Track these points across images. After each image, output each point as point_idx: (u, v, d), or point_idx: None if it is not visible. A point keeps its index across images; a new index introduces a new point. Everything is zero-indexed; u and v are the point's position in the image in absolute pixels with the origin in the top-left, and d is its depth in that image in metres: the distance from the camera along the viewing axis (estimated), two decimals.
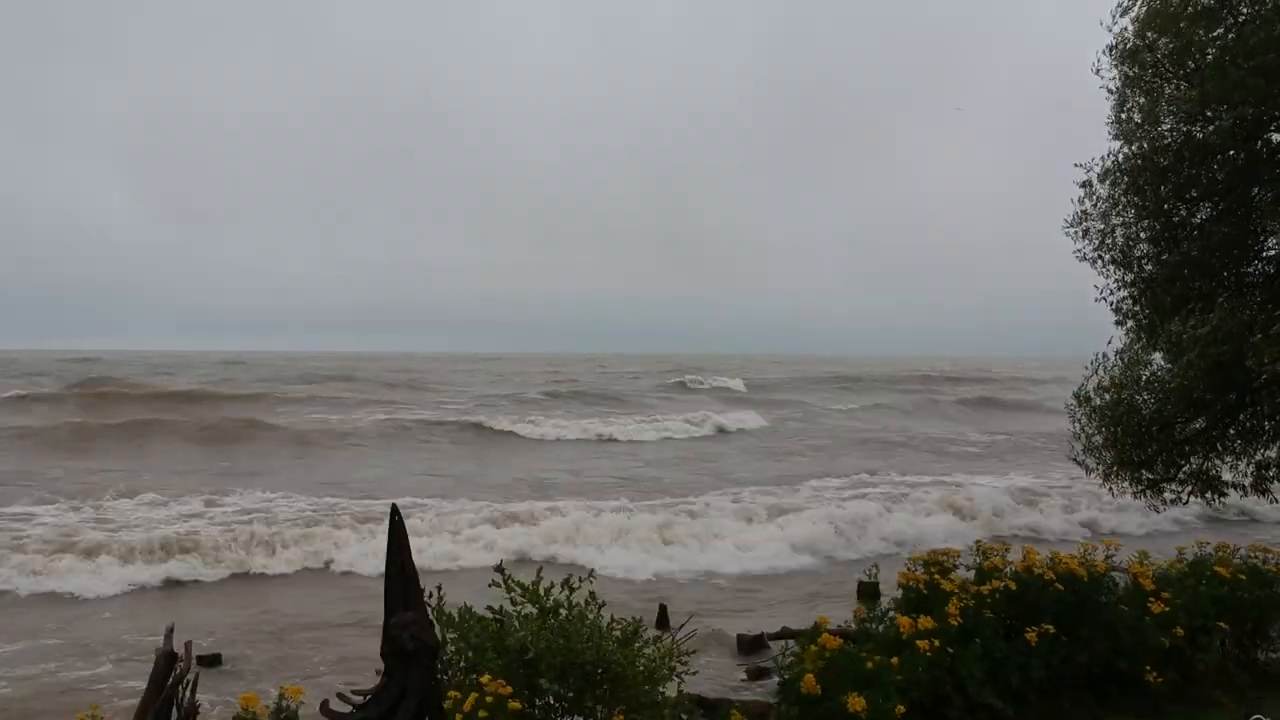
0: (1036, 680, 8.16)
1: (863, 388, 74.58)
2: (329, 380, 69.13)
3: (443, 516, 20.45)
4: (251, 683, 11.82)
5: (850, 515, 20.87)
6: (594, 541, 18.68)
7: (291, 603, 15.48)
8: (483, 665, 7.25)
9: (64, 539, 18.06)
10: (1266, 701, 8.91)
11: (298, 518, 20.56)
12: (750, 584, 16.80)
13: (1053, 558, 8.72)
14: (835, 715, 7.28)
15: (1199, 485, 16.69)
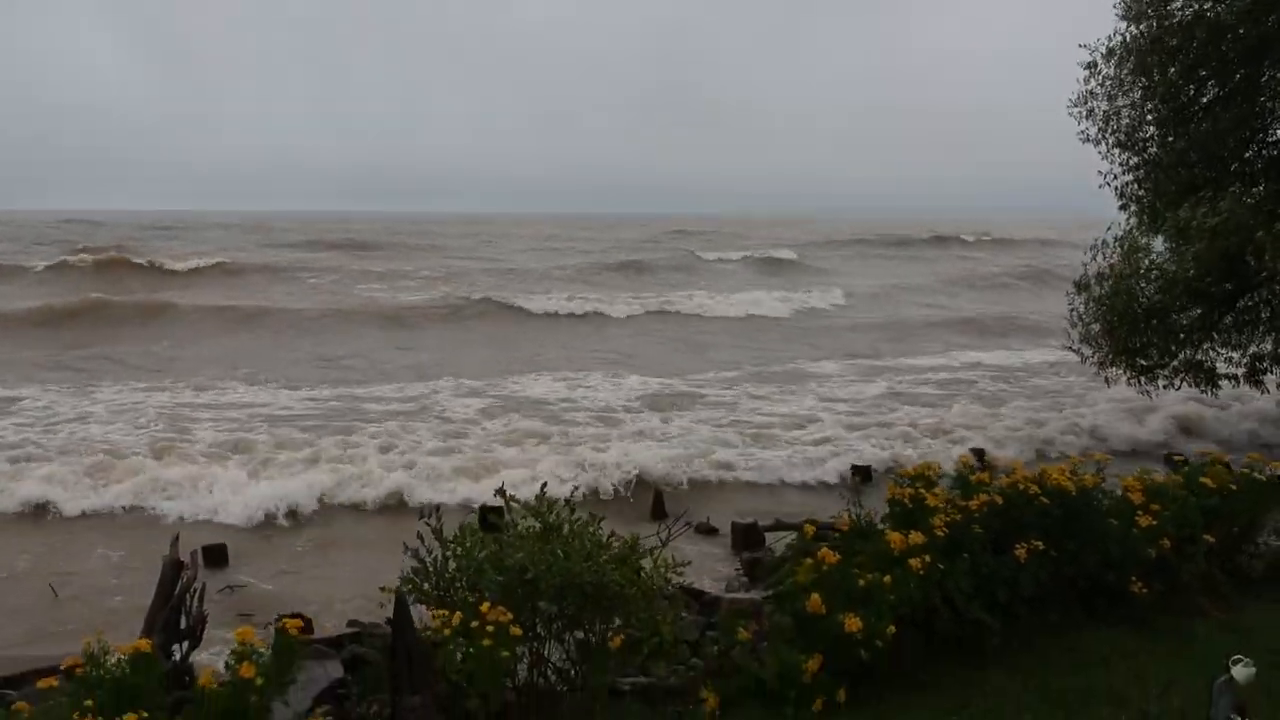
0: (1025, 594, 8.34)
1: (906, 256, 73.79)
2: (361, 249, 68.10)
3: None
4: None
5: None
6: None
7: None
8: (482, 584, 7.40)
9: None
10: (1248, 609, 9.15)
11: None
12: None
13: (1041, 473, 8.82)
14: (830, 632, 7.47)
15: (1192, 373, 16.84)
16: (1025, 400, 22.59)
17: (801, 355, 30.88)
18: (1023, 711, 7.29)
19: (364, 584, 12.33)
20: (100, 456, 16.40)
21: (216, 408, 21.21)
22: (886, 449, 17.73)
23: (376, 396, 22.76)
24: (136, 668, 6.08)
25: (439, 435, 18.47)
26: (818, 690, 7.33)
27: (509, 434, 18.63)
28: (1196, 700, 7.37)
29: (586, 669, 7.73)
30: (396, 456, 16.92)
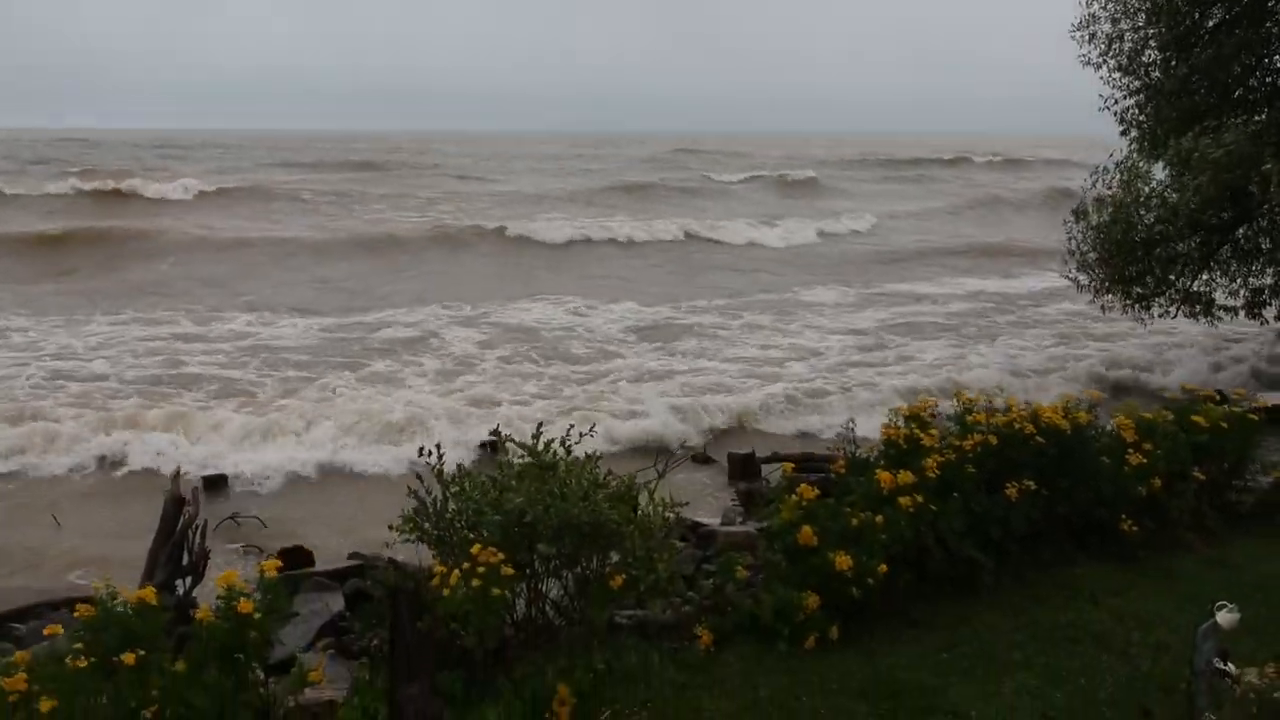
0: (1017, 532, 8.45)
1: (926, 177, 72.51)
2: (363, 170, 66.94)
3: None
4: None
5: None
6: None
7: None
8: (481, 525, 7.50)
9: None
10: (1235, 545, 9.27)
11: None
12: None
13: (1034, 411, 8.87)
14: (821, 570, 7.60)
15: (1189, 303, 16.85)
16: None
17: (847, 280, 30.34)
18: (1012, 649, 7.44)
19: (365, 515, 12.49)
20: (98, 413, 16.06)
21: (212, 339, 21.20)
22: (930, 377, 17.60)
23: (385, 322, 22.71)
24: (140, 616, 6.17)
25: (442, 372, 18.38)
26: (811, 627, 7.47)
27: (510, 368, 18.60)
28: (1181, 637, 7.53)
29: (584, 603, 7.87)
30: (405, 392, 16.92)
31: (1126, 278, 16.82)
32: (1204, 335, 19.91)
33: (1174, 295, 16.95)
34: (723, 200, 55.09)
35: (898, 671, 7.17)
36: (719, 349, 20.53)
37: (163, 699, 5.89)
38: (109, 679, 5.89)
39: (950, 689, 6.94)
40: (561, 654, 7.47)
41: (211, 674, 6.14)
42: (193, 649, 6.23)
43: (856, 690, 6.95)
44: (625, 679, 7.19)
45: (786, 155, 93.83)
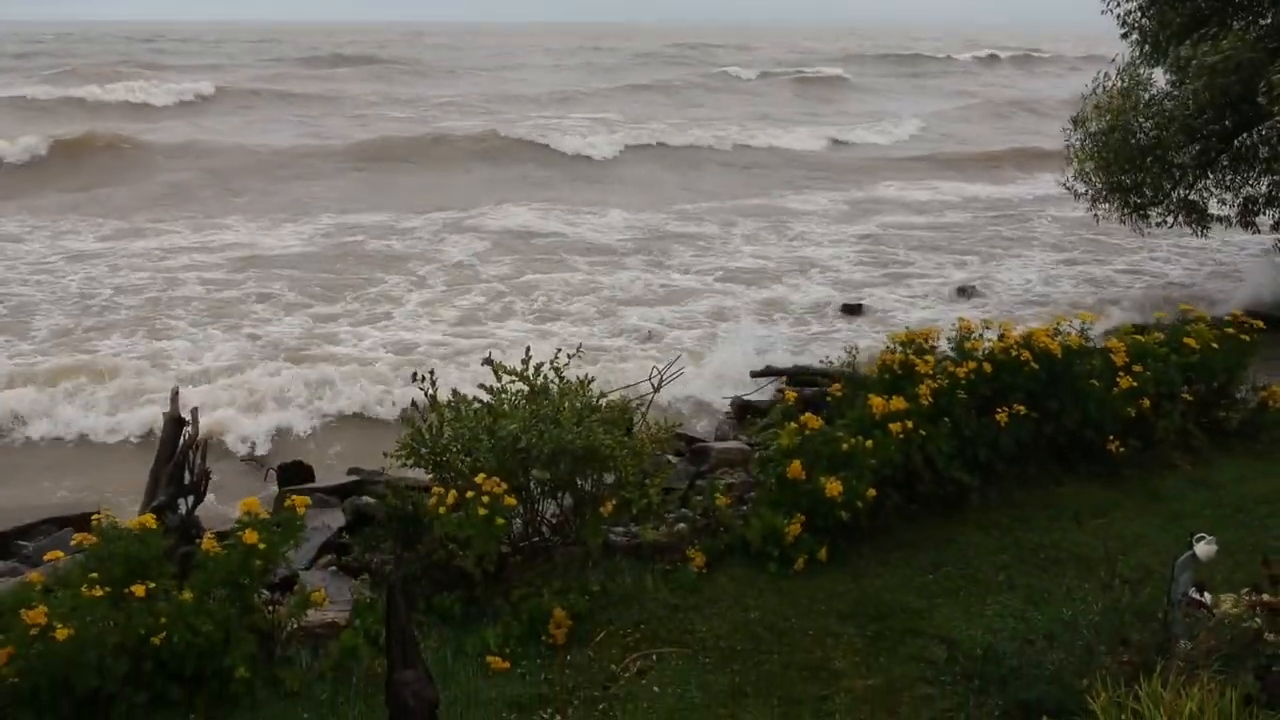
0: (1005, 453, 8.59)
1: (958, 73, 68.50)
2: (363, 64, 64.56)
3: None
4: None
5: None
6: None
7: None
8: (477, 451, 7.62)
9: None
10: (1219, 464, 9.42)
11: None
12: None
13: (1028, 335, 8.94)
14: (812, 495, 7.74)
15: (1185, 212, 16.80)
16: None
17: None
18: (997, 571, 7.63)
19: (365, 425, 12.66)
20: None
21: (209, 251, 21.07)
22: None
23: (403, 230, 22.43)
24: (142, 542, 6.32)
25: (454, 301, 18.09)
26: (800, 549, 7.64)
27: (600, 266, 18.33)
28: (1162, 559, 7.71)
29: (579, 523, 8.04)
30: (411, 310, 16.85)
31: (1124, 186, 16.75)
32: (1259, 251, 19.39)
33: (1171, 205, 16.90)
34: (753, 100, 52.57)
35: (884, 593, 7.37)
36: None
37: (170, 626, 6.06)
38: (118, 607, 6.07)
39: (935, 611, 7.14)
40: (557, 574, 7.66)
41: (217, 601, 6.32)
42: (198, 576, 6.39)
43: (844, 612, 7.16)
44: (620, 600, 7.39)
45: (797, 51, 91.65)
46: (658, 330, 15.69)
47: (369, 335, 15.45)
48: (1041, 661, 5.65)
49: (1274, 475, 9.16)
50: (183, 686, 6.24)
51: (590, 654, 6.82)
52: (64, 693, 5.92)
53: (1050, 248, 21.92)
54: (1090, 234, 21.43)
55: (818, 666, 6.56)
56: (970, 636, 6.78)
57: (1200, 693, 4.96)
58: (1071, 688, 5.34)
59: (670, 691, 6.37)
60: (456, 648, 6.87)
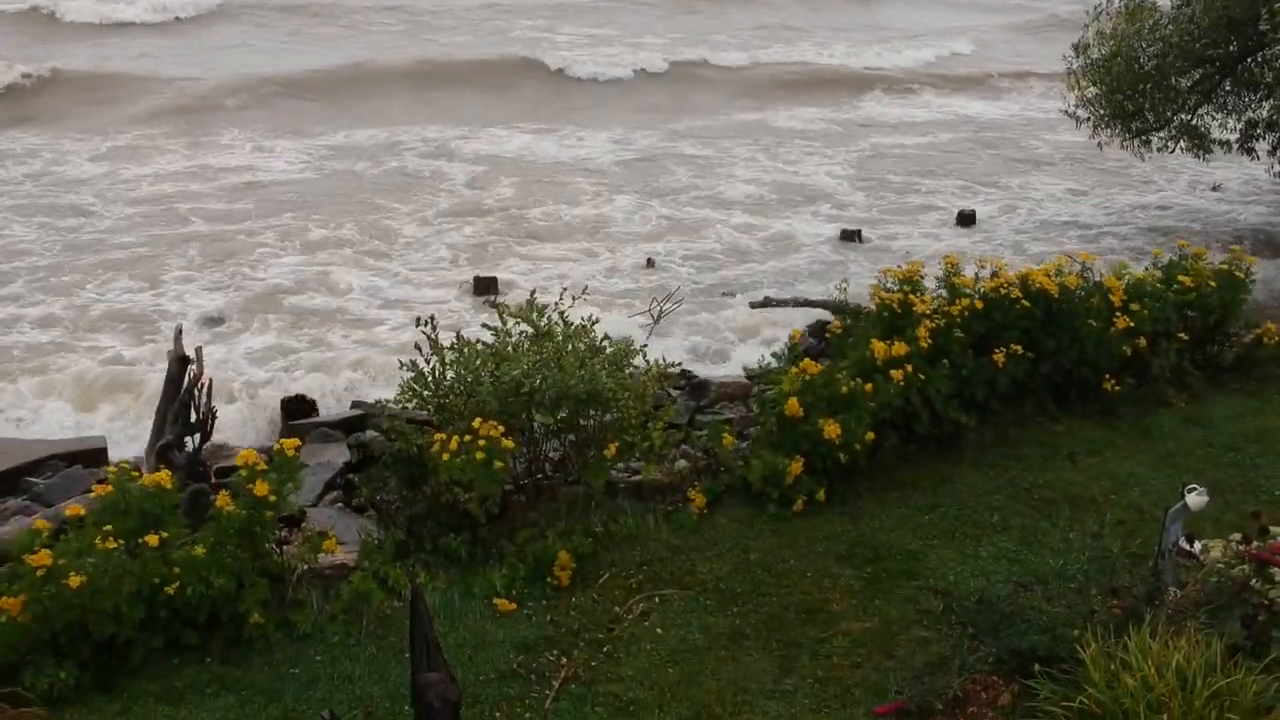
0: (1002, 393, 8.70)
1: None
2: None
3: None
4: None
5: None
6: None
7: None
8: (479, 394, 7.71)
9: None
10: (1213, 400, 9.55)
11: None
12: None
13: (1024, 275, 8.98)
14: (811, 437, 7.86)
15: (1187, 138, 16.73)
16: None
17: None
18: (991, 511, 7.78)
19: (365, 362, 12.68)
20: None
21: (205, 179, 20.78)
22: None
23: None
24: (155, 497, 6.44)
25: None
26: (799, 490, 7.79)
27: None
28: (1154, 500, 7.88)
29: (582, 464, 8.18)
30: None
31: (1127, 112, 16.64)
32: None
33: (1173, 130, 16.80)
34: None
35: (881, 534, 7.53)
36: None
37: (184, 577, 6.21)
38: (133, 556, 6.21)
39: (930, 553, 7.31)
40: (561, 514, 7.81)
41: (229, 553, 6.46)
42: (210, 530, 6.52)
43: (841, 554, 7.32)
44: (622, 541, 7.55)
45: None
46: (659, 261, 15.66)
47: (367, 273, 15.29)
48: (1034, 610, 5.79)
49: (1266, 413, 9.30)
50: (198, 631, 6.41)
51: (594, 596, 6.99)
52: (82, 638, 6.10)
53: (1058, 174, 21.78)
54: (1097, 160, 21.18)
55: (816, 609, 6.73)
56: (964, 579, 6.97)
57: (1187, 644, 5.13)
58: (1063, 637, 5.50)
59: (672, 634, 6.55)
60: (464, 590, 7.04)
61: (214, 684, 6.19)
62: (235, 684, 6.20)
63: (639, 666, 6.27)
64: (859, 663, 6.23)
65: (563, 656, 6.41)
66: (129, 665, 6.23)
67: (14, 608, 5.92)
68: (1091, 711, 5.02)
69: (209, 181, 19.86)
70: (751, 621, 6.64)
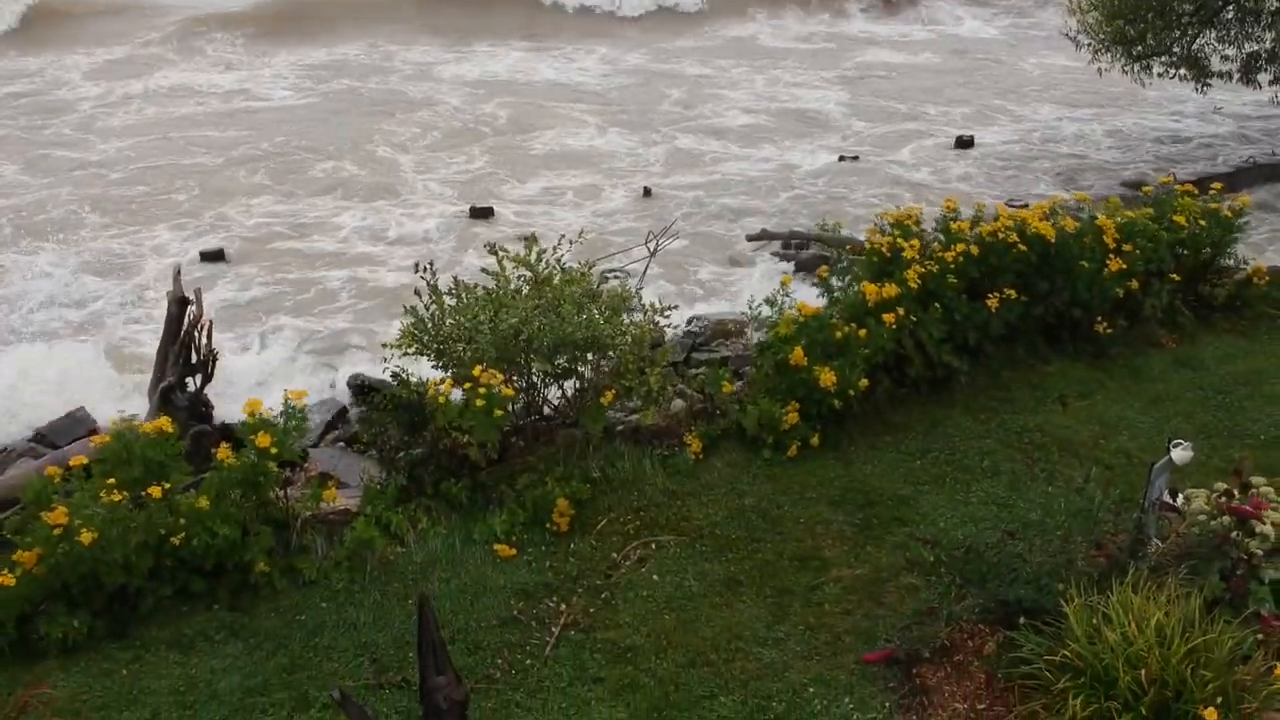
0: (994, 335, 8.78)
1: None
2: None
3: None
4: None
5: None
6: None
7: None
8: (479, 341, 7.79)
9: None
10: (1204, 341, 9.64)
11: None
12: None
13: (1020, 219, 9.00)
14: (806, 383, 7.97)
15: (1188, 66, 16.58)
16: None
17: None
18: (982, 456, 7.92)
19: (364, 296, 12.74)
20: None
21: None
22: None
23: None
24: (157, 444, 6.55)
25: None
26: (794, 436, 7.91)
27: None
28: (1142, 444, 8.04)
29: (580, 408, 8.29)
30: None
31: (1127, 38, 16.45)
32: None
33: (1174, 58, 16.63)
34: None
35: (873, 479, 7.67)
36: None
37: (189, 528, 6.35)
38: (139, 506, 6.34)
39: (921, 498, 7.46)
40: (559, 458, 7.94)
41: (233, 503, 6.60)
42: (213, 480, 6.64)
43: (834, 499, 7.47)
44: (620, 486, 7.69)
45: None
46: (656, 191, 15.62)
47: (363, 207, 15.18)
48: (1020, 560, 5.95)
49: (1255, 354, 9.40)
50: (205, 579, 6.57)
51: (593, 542, 7.15)
52: (94, 588, 6.26)
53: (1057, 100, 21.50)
54: (1097, 84, 20.86)
55: (808, 556, 6.90)
56: (953, 524, 7.13)
57: (1167, 598, 5.29)
58: (1047, 589, 5.67)
59: (669, 580, 6.73)
60: (465, 535, 7.20)
61: (222, 631, 6.37)
62: (243, 631, 6.38)
63: (636, 613, 6.45)
64: (849, 610, 6.41)
65: (562, 603, 6.59)
66: (139, 613, 6.40)
67: (30, 561, 6.07)
68: (1073, 665, 5.20)
69: (199, 106, 19.75)
70: (746, 568, 6.81)
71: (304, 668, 6.09)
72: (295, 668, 6.09)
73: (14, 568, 6.03)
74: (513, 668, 6.06)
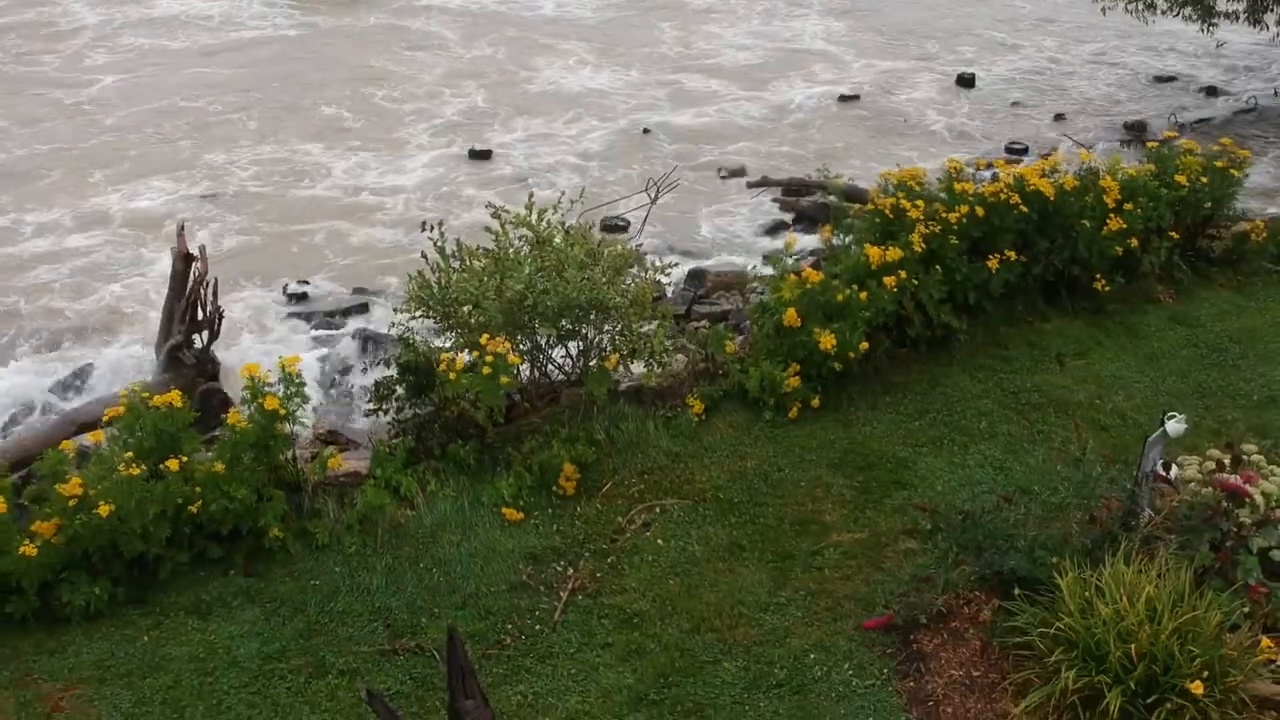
0: (994, 294, 8.87)
1: None
2: None
3: None
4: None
5: None
6: None
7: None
8: (484, 305, 7.88)
9: None
10: (1200, 297, 9.73)
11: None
12: None
13: (1022, 177, 9.03)
14: (806, 345, 8.07)
15: (1193, 4, 16.42)
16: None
17: None
18: (979, 417, 8.06)
19: (365, 240, 12.75)
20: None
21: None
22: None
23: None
24: (169, 417, 6.67)
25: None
26: (794, 397, 8.04)
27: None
28: (1136, 404, 8.19)
29: (583, 365, 8.41)
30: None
31: None
32: None
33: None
34: None
35: (872, 442, 7.82)
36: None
37: (205, 494, 6.50)
38: (155, 477, 6.47)
39: (919, 460, 7.61)
40: (564, 419, 8.07)
41: (246, 466, 6.73)
42: (225, 445, 6.77)
43: (834, 461, 7.63)
44: (624, 448, 7.82)
45: None
46: (655, 132, 15.53)
47: (361, 151, 15.05)
48: (1015, 528, 6.11)
49: (1249, 311, 9.50)
50: (221, 545, 6.74)
51: (598, 505, 7.31)
52: (114, 556, 6.42)
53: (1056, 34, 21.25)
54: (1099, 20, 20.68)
55: (808, 520, 7.07)
56: (951, 488, 7.29)
57: (1158, 571, 5.46)
58: (1041, 560, 5.83)
59: (673, 545, 6.90)
60: (474, 498, 7.33)
61: (239, 596, 6.55)
62: (259, 595, 6.56)
63: (642, 578, 6.63)
64: (849, 575, 6.60)
65: (569, 568, 6.77)
66: (159, 579, 6.57)
67: (48, 531, 6.21)
68: (1067, 638, 5.37)
69: (188, 40, 19.45)
70: (748, 532, 6.98)
71: (320, 633, 6.28)
72: (311, 633, 6.28)
73: (34, 538, 6.17)
74: (523, 633, 6.26)
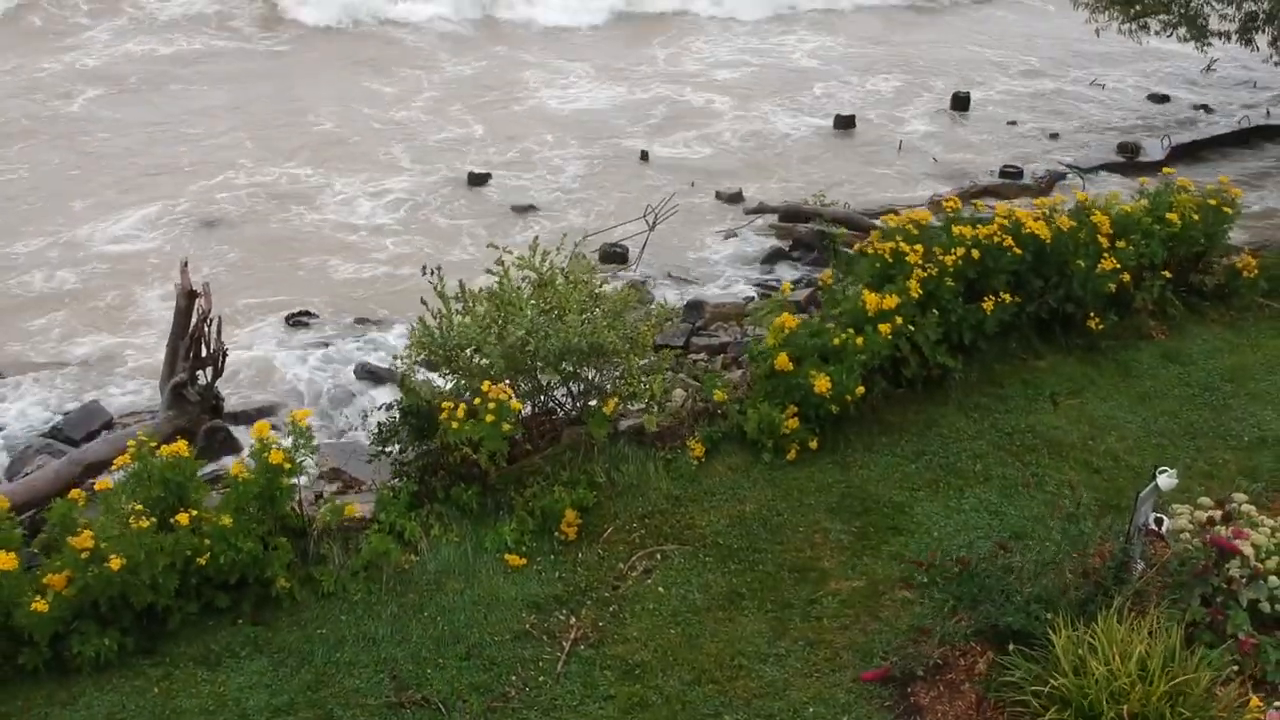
0: (989, 333, 8.99)
1: None
2: None
3: None
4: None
5: None
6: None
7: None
8: (485, 350, 7.99)
9: None
10: (1193, 333, 9.85)
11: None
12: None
13: (1018, 220, 9.14)
14: (803, 388, 8.18)
15: (1186, 24, 16.56)
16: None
17: None
18: (974, 460, 8.17)
19: (361, 270, 12.83)
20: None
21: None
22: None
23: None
24: (176, 466, 6.77)
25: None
26: (792, 439, 8.15)
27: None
28: (1128, 445, 8.32)
29: (584, 405, 8.52)
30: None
31: None
32: None
33: (1172, 16, 16.58)
34: None
35: (869, 485, 7.93)
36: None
37: (214, 547, 6.59)
38: (163, 529, 6.57)
39: (916, 504, 7.73)
40: (565, 459, 8.17)
41: (253, 517, 6.83)
42: (231, 496, 6.87)
43: (832, 505, 7.74)
44: (625, 491, 7.92)
45: None
46: (649, 155, 15.63)
47: (357, 176, 15.07)
48: (1011, 584, 6.23)
49: (1241, 347, 9.63)
50: (228, 593, 6.84)
51: (600, 551, 7.40)
52: (123, 607, 6.51)
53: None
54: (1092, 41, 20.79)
55: (807, 567, 7.17)
56: (947, 533, 7.41)
57: (1150, 629, 5.58)
58: (1037, 617, 5.95)
59: (674, 593, 6.99)
60: (477, 543, 7.42)
61: (247, 646, 6.63)
62: (267, 645, 6.65)
63: (643, 627, 6.73)
64: (847, 625, 6.70)
65: (572, 615, 6.86)
66: (167, 629, 6.66)
67: (60, 584, 6.31)
68: (1061, 695, 5.49)
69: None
70: (747, 580, 7.08)
71: (327, 685, 6.37)
72: (319, 685, 6.37)
73: (44, 591, 6.26)
74: (526, 685, 6.35)
